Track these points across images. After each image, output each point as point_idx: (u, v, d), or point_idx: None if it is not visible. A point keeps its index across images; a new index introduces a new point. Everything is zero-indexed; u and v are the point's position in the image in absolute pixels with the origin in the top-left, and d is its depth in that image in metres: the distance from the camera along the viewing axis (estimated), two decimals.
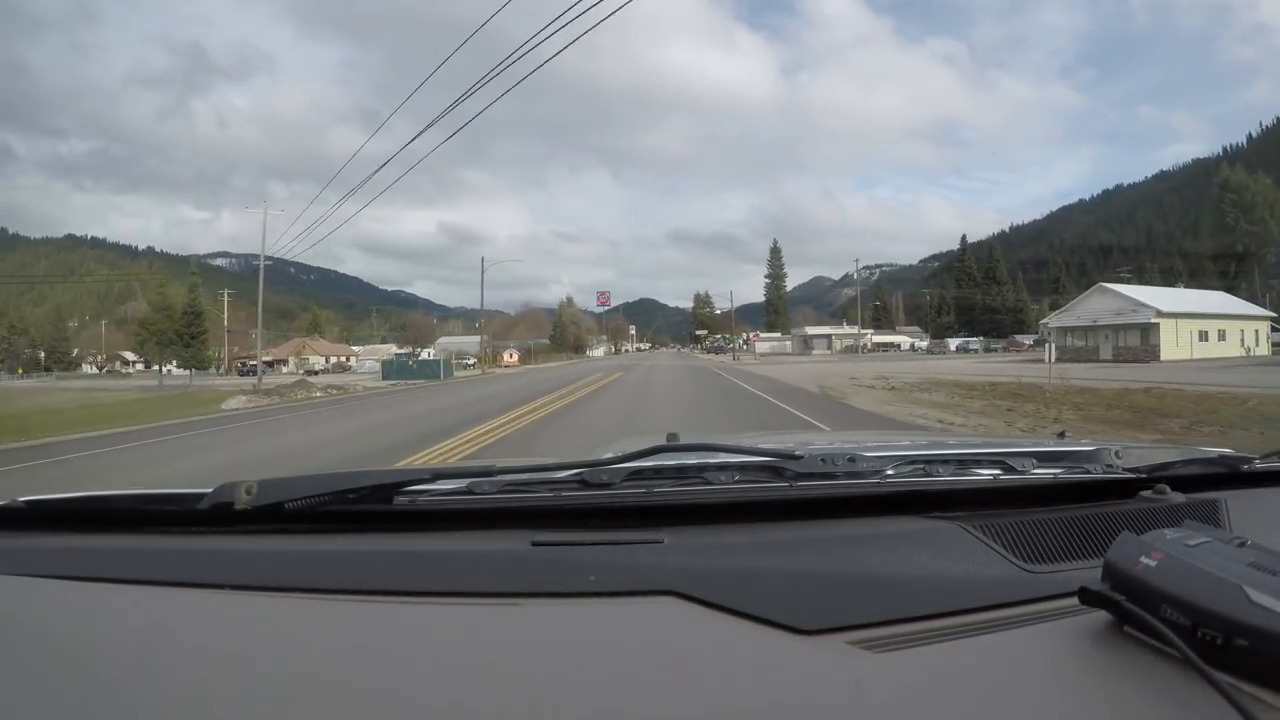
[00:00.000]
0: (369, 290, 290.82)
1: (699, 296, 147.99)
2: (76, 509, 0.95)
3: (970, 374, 22.14)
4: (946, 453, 1.02)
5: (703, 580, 0.67)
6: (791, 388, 18.32)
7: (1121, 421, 9.42)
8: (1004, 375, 19.88)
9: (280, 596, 0.70)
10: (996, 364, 32.22)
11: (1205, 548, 0.56)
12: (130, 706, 0.53)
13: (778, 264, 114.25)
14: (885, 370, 25.93)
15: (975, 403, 12.71)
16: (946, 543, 0.75)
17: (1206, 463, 1.04)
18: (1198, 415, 9.66)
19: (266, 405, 19.41)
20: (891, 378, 20.65)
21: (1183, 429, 8.62)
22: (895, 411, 11.53)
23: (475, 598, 0.69)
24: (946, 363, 38.46)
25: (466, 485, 0.86)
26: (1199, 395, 12.35)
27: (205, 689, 0.55)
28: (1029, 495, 0.89)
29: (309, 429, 12.29)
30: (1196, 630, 0.50)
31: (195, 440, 11.12)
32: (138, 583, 0.75)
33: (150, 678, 0.57)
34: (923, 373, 23.98)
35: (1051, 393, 13.36)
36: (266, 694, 0.54)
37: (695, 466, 0.88)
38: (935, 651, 0.58)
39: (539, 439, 9.25)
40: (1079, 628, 0.59)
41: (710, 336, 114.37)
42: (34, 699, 0.53)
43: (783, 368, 34.47)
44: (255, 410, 17.81)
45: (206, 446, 10.23)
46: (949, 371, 25.14)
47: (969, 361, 39.73)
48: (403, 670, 0.56)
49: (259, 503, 0.82)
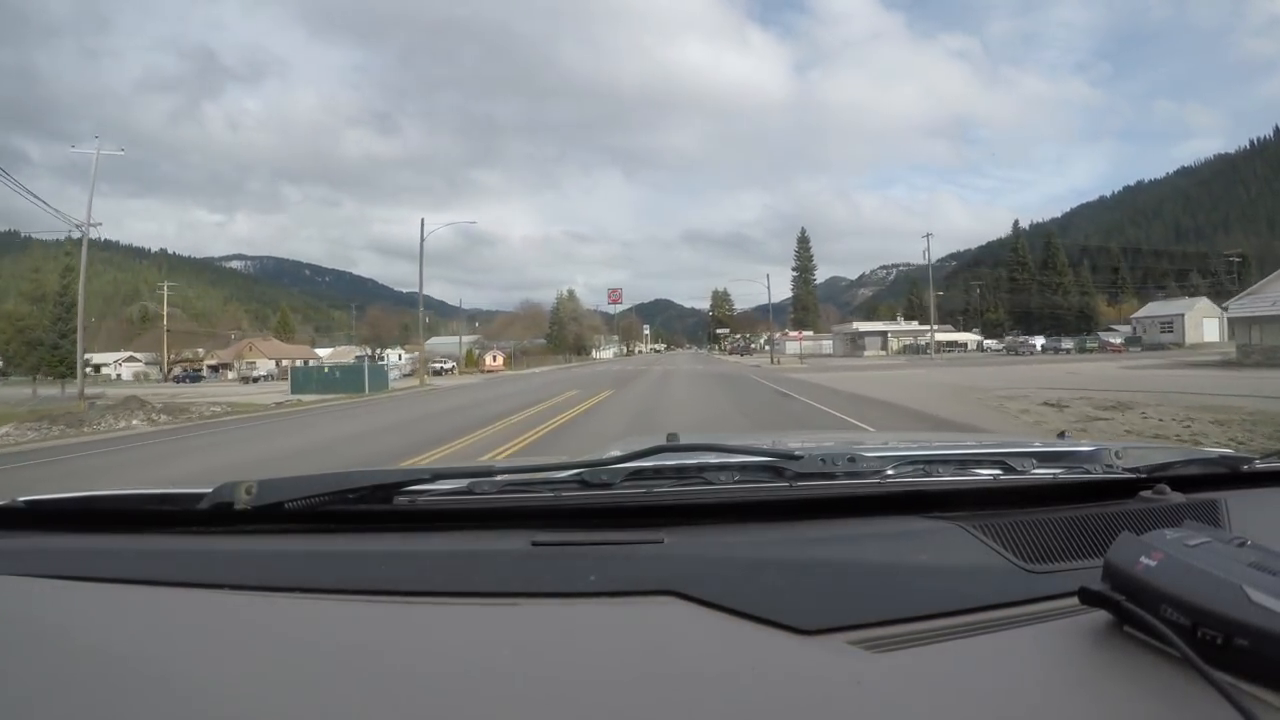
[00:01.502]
0: (383, 292, 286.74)
1: (717, 294, 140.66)
2: (76, 509, 0.95)
3: (1169, 388, 14.73)
4: (947, 453, 1.02)
5: (703, 580, 0.67)
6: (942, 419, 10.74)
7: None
8: (1236, 389, 13.20)
9: (280, 596, 0.70)
10: (1141, 370, 23.20)
11: (1205, 548, 0.56)
12: (130, 706, 0.53)
13: (805, 255, 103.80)
14: (1013, 380, 18.23)
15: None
16: (947, 543, 0.75)
17: (1206, 463, 1.04)
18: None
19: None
20: (1062, 394, 13.43)
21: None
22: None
23: (475, 598, 0.69)
24: (1061, 368, 26.81)
25: (467, 485, 0.86)
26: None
27: (205, 689, 0.55)
28: (1029, 495, 0.89)
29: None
30: (1196, 630, 0.50)
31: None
32: (138, 583, 0.75)
33: (150, 678, 0.57)
34: (1079, 385, 16.16)
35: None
36: (267, 694, 0.54)
37: (695, 466, 0.89)
38: (935, 651, 0.58)
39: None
40: (1079, 628, 0.59)
41: (731, 335, 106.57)
42: (34, 699, 0.53)
43: (847, 375, 25.64)
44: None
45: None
46: (1123, 383, 17.07)
47: (1095, 365, 28.17)
48: (403, 670, 0.56)
49: (259, 503, 0.82)
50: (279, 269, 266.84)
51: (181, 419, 16.71)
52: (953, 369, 28.54)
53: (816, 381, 22.07)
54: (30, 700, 0.53)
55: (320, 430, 13.65)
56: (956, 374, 23.58)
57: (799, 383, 21.79)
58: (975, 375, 22.23)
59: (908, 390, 17.04)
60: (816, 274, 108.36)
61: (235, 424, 15.79)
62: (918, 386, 17.99)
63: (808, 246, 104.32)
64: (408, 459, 8.72)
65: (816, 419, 11.83)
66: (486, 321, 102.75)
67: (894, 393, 16.25)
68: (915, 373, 26.75)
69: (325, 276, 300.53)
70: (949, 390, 16.56)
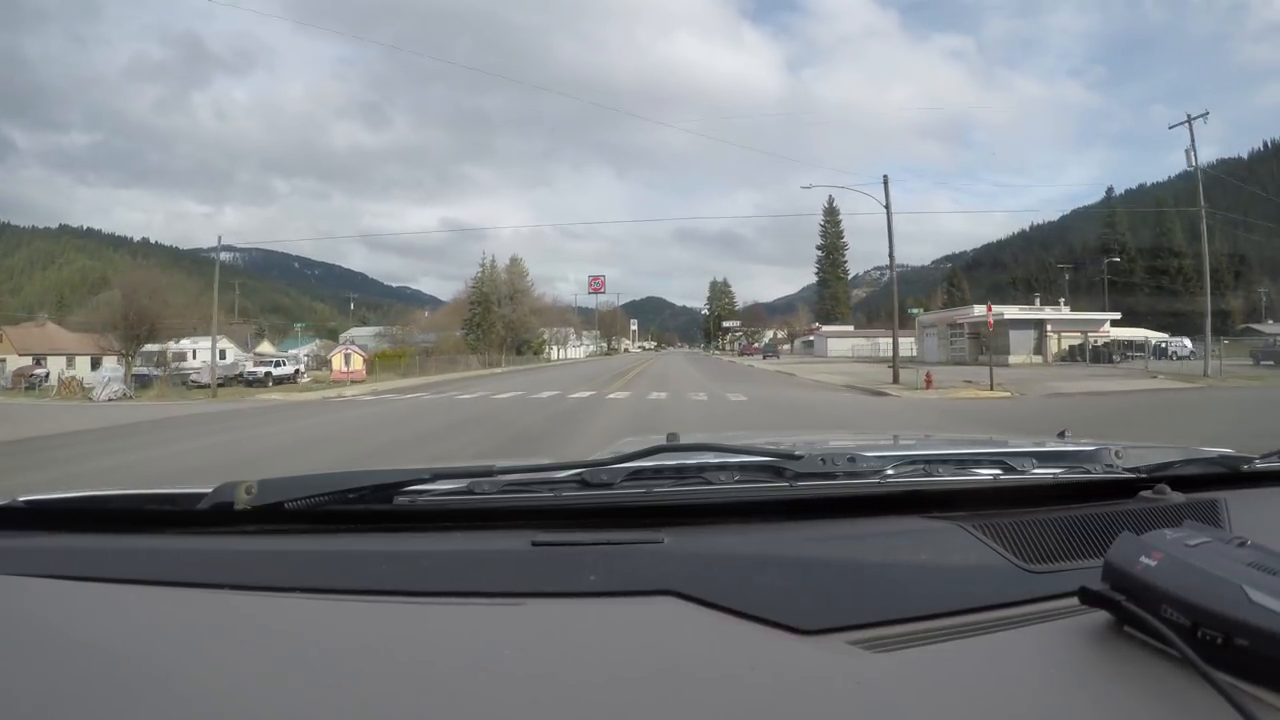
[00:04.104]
0: (373, 286, 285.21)
1: (715, 284, 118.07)
2: (76, 509, 0.95)
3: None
4: (946, 453, 1.02)
5: (703, 580, 0.68)
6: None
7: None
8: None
9: (280, 596, 0.71)
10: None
11: (1205, 548, 0.56)
12: (130, 706, 0.53)
13: (835, 232, 78.13)
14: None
15: None
16: (947, 543, 0.75)
17: (1206, 463, 1.04)
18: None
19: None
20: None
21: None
22: None
23: (475, 598, 0.69)
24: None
25: (467, 485, 0.86)
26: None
27: (206, 689, 0.55)
28: (1029, 495, 0.89)
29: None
30: (1196, 630, 0.50)
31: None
32: (138, 583, 0.75)
33: (150, 678, 0.57)
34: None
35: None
36: (267, 694, 0.54)
37: (695, 466, 0.89)
38: (935, 651, 0.58)
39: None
40: (1079, 628, 0.59)
41: (747, 332, 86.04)
42: (34, 699, 0.54)
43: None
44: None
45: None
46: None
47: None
48: (403, 670, 0.56)
49: (259, 503, 0.82)
50: (268, 261, 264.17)
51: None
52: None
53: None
54: (30, 700, 0.53)
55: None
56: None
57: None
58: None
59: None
60: (809, 275, 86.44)
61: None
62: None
63: (836, 219, 77.47)
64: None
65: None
66: (436, 310, 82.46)
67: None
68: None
69: (315, 269, 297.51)
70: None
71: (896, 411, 13.79)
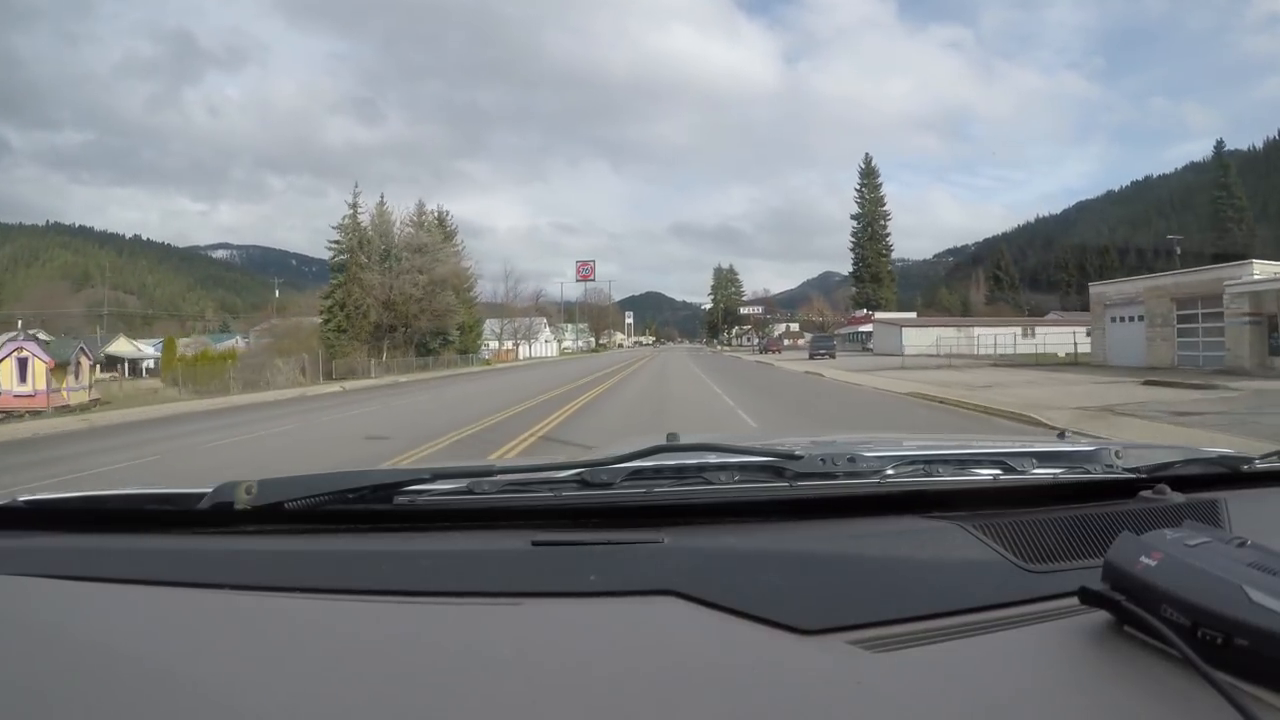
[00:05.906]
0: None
1: (721, 271, 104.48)
2: (76, 509, 0.95)
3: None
4: (946, 453, 1.02)
5: (703, 580, 0.68)
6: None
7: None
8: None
9: (280, 596, 0.71)
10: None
11: (1205, 548, 0.56)
12: (131, 707, 0.53)
13: (874, 198, 62.28)
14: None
15: None
16: (947, 543, 0.75)
17: (1206, 463, 1.04)
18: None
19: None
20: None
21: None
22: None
23: (475, 598, 0.69)
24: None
25: (467, 485, 0.86)
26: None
27: (206, 689, 0.55)
28: (1029, 495, 0.89)
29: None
30: (1196, 630, 0.51)
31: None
32: (138, 583, 0.75)
33: (151, 678, 0.57)
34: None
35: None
36: (268, 694, 0.54)
37: (695, 466, 0.89)
38: (936, 651, 0.58)
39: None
40: (1079, 628, 0.59)
41: (764, 316, 73.75)
42: (34, 699, 0.54)
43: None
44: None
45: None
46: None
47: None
48: (403, 670, 0.56)
49: (259, 503, 0.82)
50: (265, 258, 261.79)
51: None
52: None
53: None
54: (31, 700, 0.53)
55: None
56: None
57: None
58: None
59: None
60: (807, 270, 68.30)
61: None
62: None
63: (875, 181, 62.43)
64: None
65: None
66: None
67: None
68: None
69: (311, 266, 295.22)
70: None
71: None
